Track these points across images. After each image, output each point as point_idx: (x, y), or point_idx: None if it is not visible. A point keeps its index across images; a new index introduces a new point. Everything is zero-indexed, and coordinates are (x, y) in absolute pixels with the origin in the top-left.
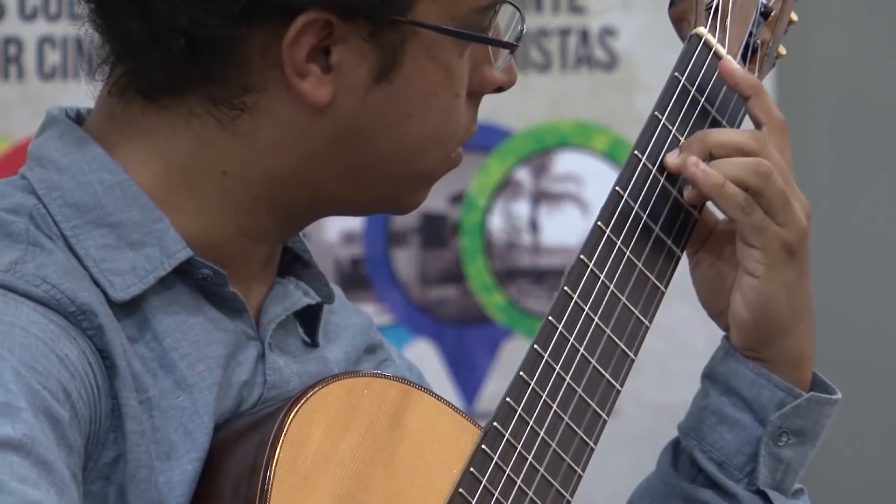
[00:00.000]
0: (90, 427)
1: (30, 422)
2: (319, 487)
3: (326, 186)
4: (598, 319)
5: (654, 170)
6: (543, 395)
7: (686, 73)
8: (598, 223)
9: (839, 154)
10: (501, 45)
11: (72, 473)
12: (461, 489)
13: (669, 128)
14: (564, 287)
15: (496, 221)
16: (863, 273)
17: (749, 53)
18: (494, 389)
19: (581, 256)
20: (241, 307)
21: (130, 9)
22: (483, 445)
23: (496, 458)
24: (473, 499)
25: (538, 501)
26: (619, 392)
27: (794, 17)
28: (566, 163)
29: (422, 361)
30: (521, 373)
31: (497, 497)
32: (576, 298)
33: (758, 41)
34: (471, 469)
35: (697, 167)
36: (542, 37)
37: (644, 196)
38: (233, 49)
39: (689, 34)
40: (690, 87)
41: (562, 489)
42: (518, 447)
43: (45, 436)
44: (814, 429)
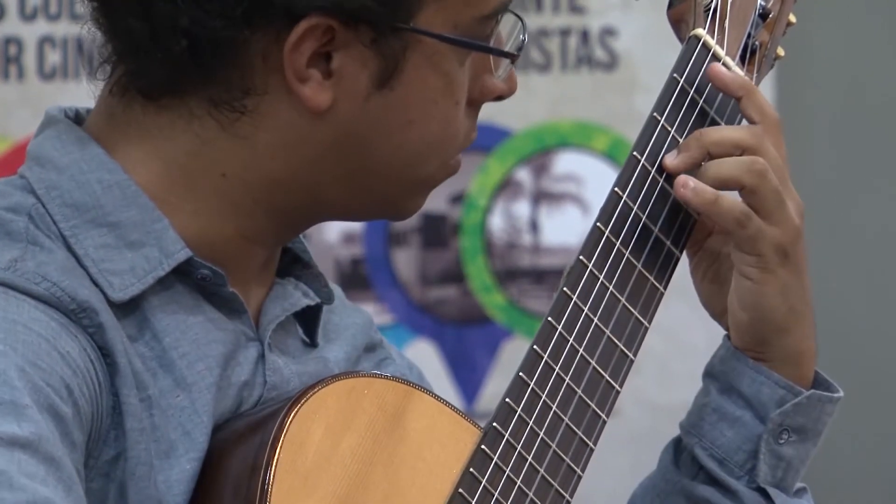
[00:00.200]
0: (92, 424)
1: (36, 419)
2: (319, 487)
3: (325, 191)
4: (598, 320)
5: (653, 171)
6: (543, 396)
7: (685, 75)
8: (598, 224)
9: (839, 154)
10: (503, 55)
11: (76, 470)
12: (461, 489)
13: (668, 129)
14: (564, 288)
15: (496, 221)
16: (863, 273)
17: (748, 55)
18: (495, 389)
19: (580, 257)
20: (241, 308)
21: (132, 8)
22: (483, 446)
23: (496, 459)
24: (473, 499)
25: (538, 501)
26: (619, 392)
27: (793, 19)
28: (566, 163)
29: (422, 361)
30: (521, 373)
31: (497, 497)
32: (575, 299)
33: (756, 43)
34: (470, 469)
35: (686, 188)
36: (543, 37)
37: (643, 197)
38: (234, 51)
39: (688, 36)
40: (689, 89)
41: (561, 489)
42: (518, 447)
43: (51, 433)
44: (815, 427)
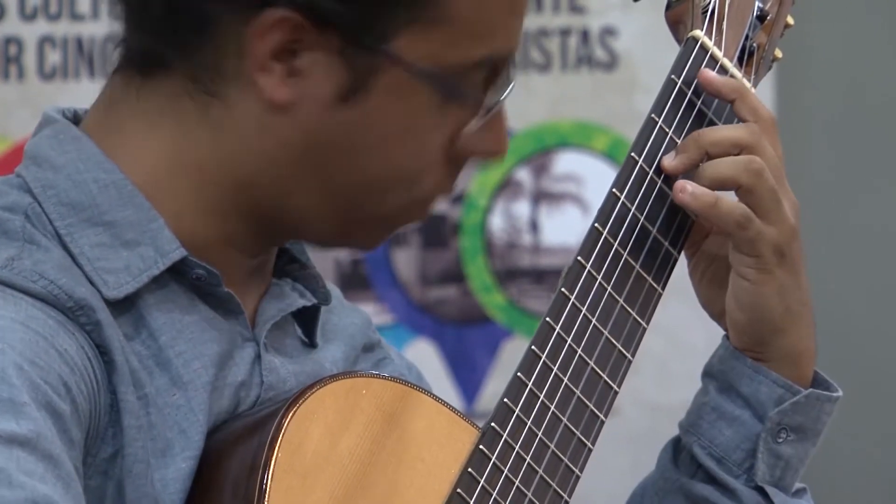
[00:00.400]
0: (90, 422)
1: (34, 416)
2: (318, 488)
3: (289, 202)
4: (596, 321)
5: (651, 172)
6: (541, 396)
7: (682, 76)
8: (596, 225)
9: (838, 155)
10: (475, 107)
11: (74, 467)
12: (459, 489)
13: (666, 130)
14: (562, 288)
15: (496, 221)
16: (862, 273)
17: (745, 56)
18: (495, 389)
19: (578, 258)
20: (237, 308)
21: None
22: (481, 446)
23: (494, 459)
24: (472, 499)
25: (536, 502)
26: (617, 393)
27: (791, 21)
28: (566, 163)
29: (422, 361)
30: (519, 373)
31: (495, 497)
32: (573, 300)
33: (754, 44)
34: (469, 469)
35: (684, 192)
36: (543, 37)
37: (641, 198)
38: (208, 28)
39: (686, 37)
40: (687, 90)
41: (559, 489)
42: (516, 448)
43: (49, 430)
44: (814, 426)
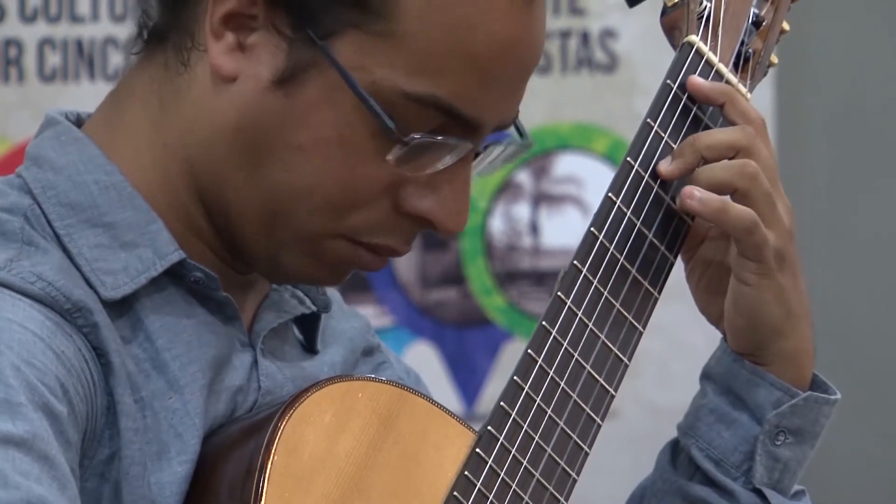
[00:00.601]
0: (86, 424)
1: (30, 417)
2: (314, 491)
3: (224, 194)
4: (592, 325)
5: (647, 176)
6: (538, 400)
7: (678, 81)
8: (592, 229)
9: (837, 156)
10: (388, 131)
11: (70, 469)
12: (456, 492)
13: (662, 135)
14: (558, 292)
15: (496, 223)
16: (861, 275)
17: (741, 62)
18: (495, 392)
19: (574, 262)
20: (234, 313)
21: None
22: (477, 449)
23: (490, 462)
24: (468, 502)
25: None
26: (614, 396)
27: (786, 27)
28: (566, 165)
29: (422, 363)
30: (516, 377)
31: (492, 500)
32: (569, 304)
33: (749, 50)
34: (465, 472)
35: (693, 198)
36: None
37: (637, 202)
38: None
39: (681, 42)
40: (682, 95)
41: (556, 493)
42: (512, 451)
43: (46, 431)
44: (812, 429)
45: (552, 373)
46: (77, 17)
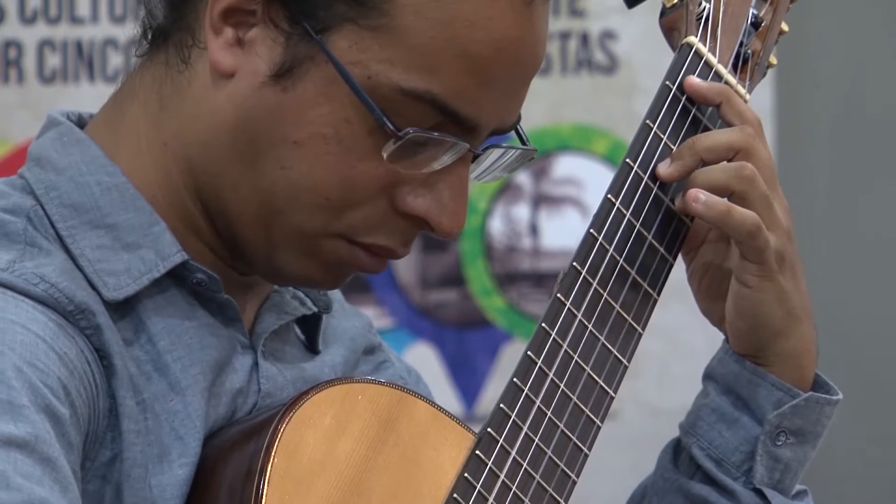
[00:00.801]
0: (88, 426)
1: (33, 419)
2: (314, 493)
3: (222, 193)
4: (592, 326)
5: (646, 178)
6: (537, 402)
7: (677, 82)
8: (591, 230)
9: (838, 157)
10: (383, 127)
11: (72, 470)
12: (456, 494)
13: (661, 136)
14: (557, 294)
15: (496, 225)
16: (862, 276)
17: (740, 63)
18: (494, 393)
19: (574, 263)
20: (235, 315)
21: None
22: (477, 451)
23: (490, 464)
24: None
25: None
26: (613, 398)
27: (785, 28)
28: (566, 166)
29: (422, 365)
30: (515, 379)
31: (492, 502)
32: (569, 305)
33: (749, 51)
34: (465, 474)
35: (698, 202)
36: None
37: (636, 204)
38: None
39: (680, 43)
40: (681, 96)
41: (556, 495)
42: (512, 453)
43: (48, 433)
44: (814, 429)
45: (552, 374)
46: (77, 19)
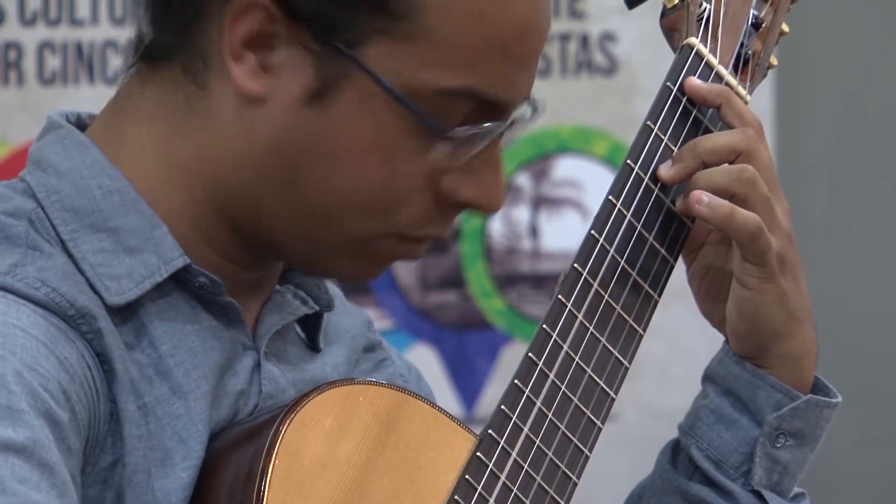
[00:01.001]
0: (89, 431)
1: (32, 424)
2: (315, 495)
3: (258, 210)
4: (593, 328)
5: (647, 179)
6: (538, 403)
7: (678, 83)
8: (592, 232)
9: (838, 157)
10: (433, 129)
11: (71, 476)
12: (457, 496)
13: (662, 137)
14: (558, 295)
15: (496, 226)
16: (862, 277)
17: (741, 64)
18: (494, 395)
19: (575, 265)
20: (238, 317)
21: None
22: (478, 453)
23: (491, 466)
24: None
25: None
26: (614, 400)
27: (786, 29)
28: (566, 168)
29: (422, 367)
30: (516, 381)
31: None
32: (570, 307)
33: (749, 52)
34: (466, 476)
35: (701, 203)
36: None
37: (637, 205)
38: (201, 11)
39: (681, 44)
40: (682, 97)
41: (557, 496)
42: (513, 455)
43: (47, 438)
44: (812, 431)
45: (553, 376)
46: (77, 21)
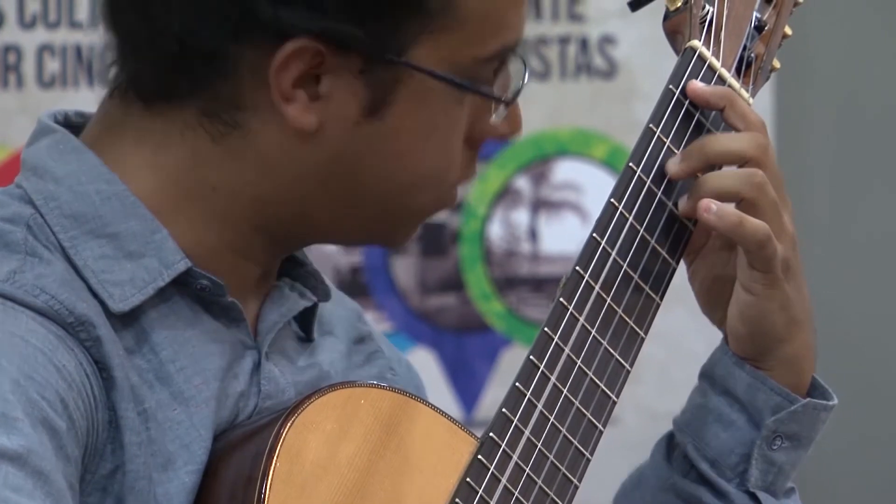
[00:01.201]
0: (87, 438)
1: (27, 432)
2: (316, 497)
3: (314, 214)
4: (595, 331)
5: (649, 182)
6: (539, 406)
7: (680, 86)
8: (594, 234)
9: (837, 158)
10: (495, 100)
11: (69, 484)
12: (458, 499)
13: (664, 140)
14: (560, 298)
15: (495, 229)
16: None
17: (743, 67)
18: (494, 397)
19: (577, 268)
20: (239, 316)
21: (134, 4)
22: (479, 456)
23: (492, 469)
24: None
25: None
26: (616, 403)
27: (789, 31)
28: (565, 171)
29: (421, 369)
30: (517, 383)
31: None
32: (571, 310)
33: (752, 55)
34: (467, 479)
35: (709, 212)
36: (542, 45)
37: (639, 208)
38: (225, 63)
39: (684, 47)
40: (684, 100)
41: (558, 499)
42: (514, 457)
43: (43, 446)
44: (808, 434)
45: (554, 379)
46: (76, 24)
